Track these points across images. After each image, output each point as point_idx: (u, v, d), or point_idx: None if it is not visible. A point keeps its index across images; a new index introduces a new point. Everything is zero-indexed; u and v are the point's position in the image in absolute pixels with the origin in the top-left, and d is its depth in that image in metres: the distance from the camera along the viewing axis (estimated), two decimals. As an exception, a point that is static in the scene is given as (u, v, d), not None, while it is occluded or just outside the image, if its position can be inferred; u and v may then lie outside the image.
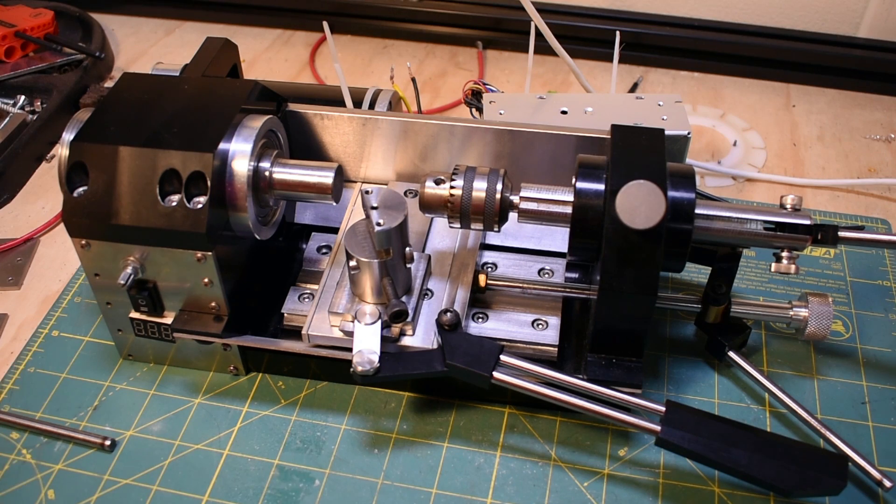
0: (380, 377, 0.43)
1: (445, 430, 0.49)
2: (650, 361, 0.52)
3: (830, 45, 0.80)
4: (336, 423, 0.49)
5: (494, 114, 0.60)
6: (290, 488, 0.46)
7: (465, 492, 0.46)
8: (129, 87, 0.50)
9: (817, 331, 0.48)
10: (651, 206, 0.40)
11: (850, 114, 0.77)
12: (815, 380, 0.51)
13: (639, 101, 0.61)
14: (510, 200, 0.45)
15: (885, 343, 0.53)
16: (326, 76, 0.83)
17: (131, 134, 0.46)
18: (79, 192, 0.45)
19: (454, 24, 0.87)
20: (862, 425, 0.48)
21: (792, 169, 0.70)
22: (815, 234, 0.45)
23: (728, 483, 0.45)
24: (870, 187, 0.67)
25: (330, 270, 0.50)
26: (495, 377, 0.44)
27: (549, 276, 0.52)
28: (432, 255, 0.51)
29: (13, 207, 0.68)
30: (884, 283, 0.58)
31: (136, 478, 0.47)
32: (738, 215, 0.45)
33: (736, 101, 0.78)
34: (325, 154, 0.56)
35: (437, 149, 0.54)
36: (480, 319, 0.49)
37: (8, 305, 0.59)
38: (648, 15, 0.84)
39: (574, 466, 0.47)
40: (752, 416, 0.49)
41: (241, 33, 0.90)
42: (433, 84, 0.82)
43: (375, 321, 0.44)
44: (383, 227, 0.43)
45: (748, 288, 0.58)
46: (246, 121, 0.47)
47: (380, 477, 0.46)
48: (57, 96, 0.74)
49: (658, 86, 0.81)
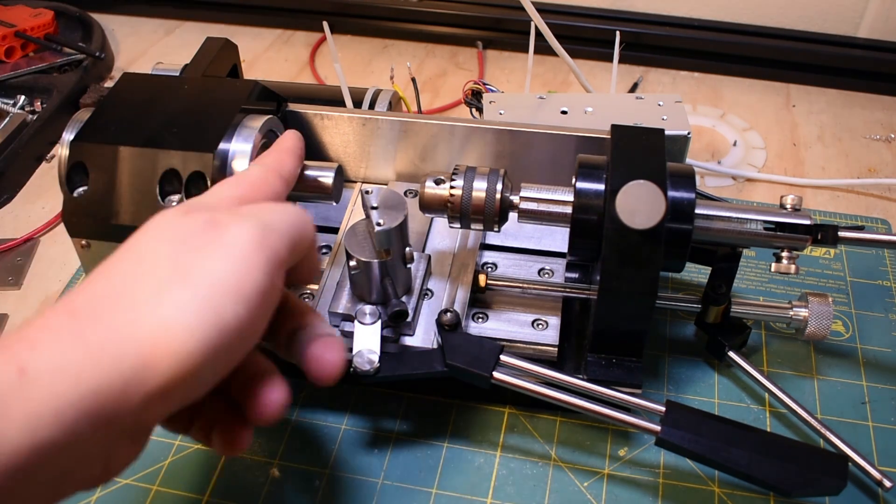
0: (380, 377, 0.43)
1: (445, 430, 0.49)
2: (650, 361, 0.52)
3: (830, 45, 0.80)
4: (336, 423, 0.49)
5: (494, 114, 0.60)
6: (290, 488, 0.46)
7: (465, 492, 0.46)
8: (129, 87, 0.50)
9: (817, 331, 0.48)
10: (651, 206, 0.40)
11: (850, 114, 0.77)
12: (815, 380, 0.51)
13: (639, 101, 0.61)
14: (510, 200, 0.45)
15: (885, 343, 0.53)
16: (326, 76, 0.83)
17: (131, 134, 0.46)
18: (79, 192, 0.45)
19: (454, 24, 0.87)
20: (862, 425, 0.48)
21: (792, 169, 0.70)
22: (815, 234, 0.44)
23: (728, 483, 0.45)
24: (870, 187, 0.68)
25: (330, 270, 0.50)
26: (495, 377, 0.44)
27: (549, 276, 0.52)
28: (432, 255, 0.51)
29: (13, 207, 0.68)
30: (884, 283, 0.58)
31: (136, 478, 0.47)
32: (738, 215, 0.45)
33: (736, 101, 0.78)
34: (325, 154, 0.56)
35: (437, 149, 0.54)
36: (480, 319, 0.49)
37: (8, 305, 0.59)
38: (648, 15, 0.84)
39: (574, 466, 0.47)
40: (752, 416, 0.49)
41: (241, 33, 0.90)
42: (433, 84, 0.82)
43: (375, 321, 0.44)
44: (383, 227, 0.43)
45: (748, 288, 0.58)
46: (246, 121, 0.47)
47: (380, 477, 0.46)
48: (57, 96, 0.74)
49: (658, 86, 0.81)
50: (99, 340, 0.28)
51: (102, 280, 0.30)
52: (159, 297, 0.29)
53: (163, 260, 0.31)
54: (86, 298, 0.29)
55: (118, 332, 0.28)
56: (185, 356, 0.28)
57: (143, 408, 0.28)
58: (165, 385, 0.28)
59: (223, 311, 0.29)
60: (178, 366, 0.28)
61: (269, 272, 0.31)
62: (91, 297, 0.29)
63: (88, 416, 0.26)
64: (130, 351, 0.28)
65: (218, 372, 0.31)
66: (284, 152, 0.44)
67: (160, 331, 0.28)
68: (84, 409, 0.26)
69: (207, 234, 0.32)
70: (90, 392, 0.26)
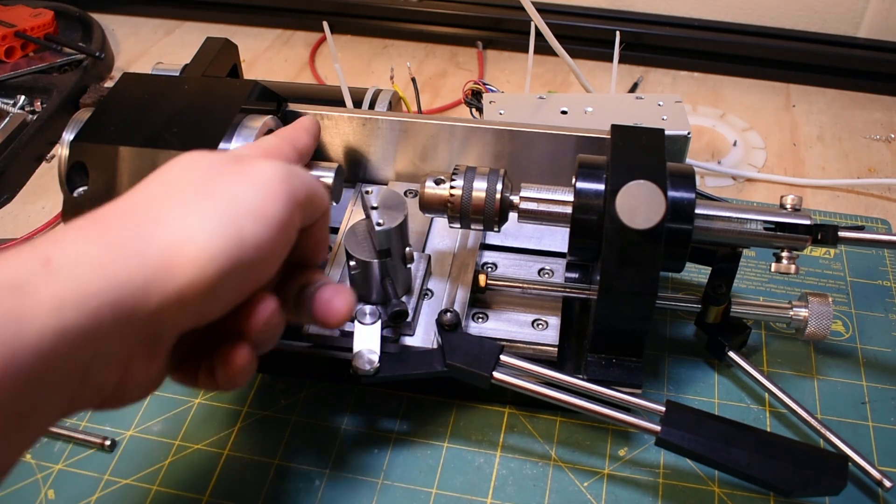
0: (380, 377, 0.43)
1: (445, 430, 0.49)
2: (650, 361, 0.52)
3: (830, 45, 0.80)
4: (336, 423, 0.49)
5: (494, 114, 0.60)
6: (290, 488, 0.46)
7: (465, 492, 0.46)
8: (129, 87, 0.50)
9: (817, 331, 0.48)
10: (651, 206, 0.40)
11: (850, 114, 0.77)
12: (815, 380, 0.51)
13: (639, 101, 0.61)
14: (510, 200, 0.45)
15: (885, 343, 0.53)
16: (326, 76, 0.83)
17: (131, 134, 0.46)
18: (79, 192, 0.45)
19: (454, 24, 0.87)
20: (862, 425, 0.48)
21: (792, 169, 0.70)
22: (815, 234, 0.44)
23: (728, 483, 0.45)
24: (870, 187, 0.67)
25: (330, 270, 0.50)
26: (495, 377, 0.44)
27: (549, 276, 0.52)
28: (432, 255, 0.51)
29: (13, 207, 0.68)
30: (884, 283, 0.58)
31: (136, 478, 0.47)
32: (738, 215, 0.45)
33: (736, 101, 0.78)
34: (325, 154, 0.56)
35: (437, 149, 0.54)
36: (480, 319, 0.49)
37: (8, 305, 0.59)
38: (648, 15, 0.84)
39: (574, 466, 0.47)
40: (752, 416, 0.49)
41: (241, 33, 0.90)
42: (433, 84, 0.82)
43: (375, 321, 0.44)
44: (383, 227, 0.43)
45: (748, 288, 0.58)
46: (246, 121, 0.47)
47: (380, 477, 0.46)
48: (57, 96, 0.74)
49: (658, 86, 0.81)
50: (123, 239, 0.29)
51: (130, 196, 0.32)
52: (184, 209, 0.31)
53: (190, 183, 0.32)
54: (113, 209, 0.31)
55: (143, 234, 0.29)
56: (204, 264, 0.29)
57: (162, 311, 0.29)
58: (185, 290, 0.29)
59: (243, 229, 0.31)
60: (198, 272, 0.29)
61: (288, 207, 0.33)
62: (118, 208, 0.31)
63: (111, 306, 0.27)
64: (154, 252, 0.29)
65: (234, 291, 0.32)
66: (300, 128, 0.46)
67: (184, 237, 0.30)
68: (107, 300, 0.27)
69: (235, 165, 0.33)
70: (113, 285, 0.27)
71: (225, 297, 0.32)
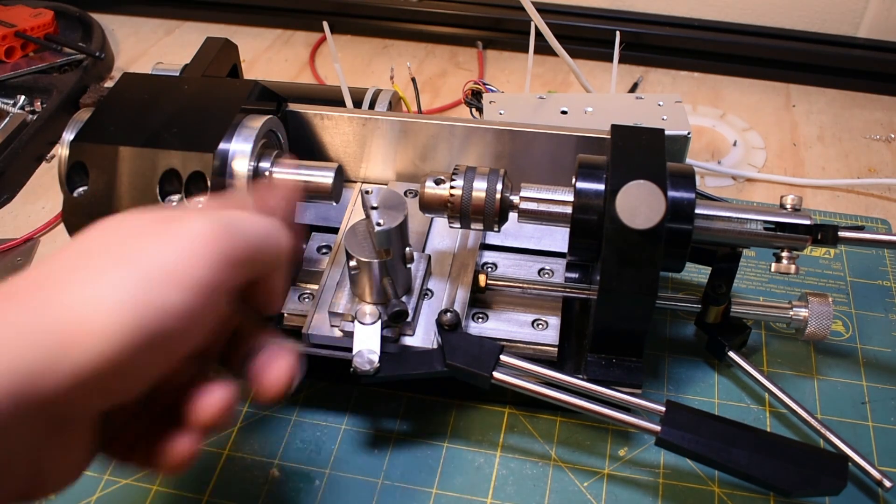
0: (380, 377, 0.43)
1: (445, 430, 0.49)
2: (650, 361, 0.52)
3: (830, 45, 0.80)
4: (336, 423, 0.49)
5: (494, 114, 0.60)
6: (290, 488, 0.46)
7: (465, 492, 0.46)
8: (129, 87, 0.50)
9: (817, 331, 0.48)
10: (651, 206, 0.40)
11: (850, 114, 0.77)
12: (815, 380, 0.51)
13: (639, 101, 0.61)
14: (510, 200, 0.45)
15: (885, 343, 0.53)
16: (326, 76, 0.83)
17: (131, 134, 0.46)
18: (79, 192, 0.45)
19: (454, 24, 0.87)
20: (862, 425, 0.48)
21: (792, 169, 0.70)
22: (815, 234, 0.44)
23: (728, 483, 0.45)
24: (870, 187, 0.68)
25: (330, 270, 0.50)
26: (495, 377, 0.44)
27: (549, 276, 0.52)
28: (432, 255, 0.51)
29: (13, 207, 0.68)
30: (884, 283, 0.58)
31: (136, 478, 0.47)
32: (738, 215, 0.45)
33: (736, 101, 0.78)
34: (325, 154, 0.56)
35: (437, 149, 0.54)
36: (480, 319, 0.49)
37: (8, 305, 0.59)
38: (648, 15, 0.84)
39: (574, 466, 0.47)
40: (752, 416, 0.49)
41: (241, 33, 0.90)
42: (433, 84, 0.82)
43: (375, 321, 0.44)
44: (383, 227, 0.43)
45: (748, 288, 0.58)
46: (246, 121, 0.47)
47: (380, 477, 0.46)
48: (57, 96, 0.74)
49: (658, 86, 0.81)
50: (24, 320, 0.26)
51: (43, 266, 0.29)
52: (96, 278, 0.28)
53: (107, 249, 0.29)
54: (22, 281, 0.28)
55: (45, 311, 0.27)
56: (111, 335, 0.27)
57: (65, 392, 0.26)
58: (87, 367, 0.26)
59: (158, 295, 0.28)
60: (105, 345, 0.27)
61: (217, 269, 0.30)
62: (27, 281, 0.28)
63: (11, 396, 0.25)
64: (55, 327, 0.26)
65: (152, 365, 0.29)
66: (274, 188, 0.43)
67: (88, 308, 0.27)
68: (5, 389, 0.25)
69: (160, 226, 0.30)
70: (11, 371, 0.25)
71: (142, 373, 0.29)
